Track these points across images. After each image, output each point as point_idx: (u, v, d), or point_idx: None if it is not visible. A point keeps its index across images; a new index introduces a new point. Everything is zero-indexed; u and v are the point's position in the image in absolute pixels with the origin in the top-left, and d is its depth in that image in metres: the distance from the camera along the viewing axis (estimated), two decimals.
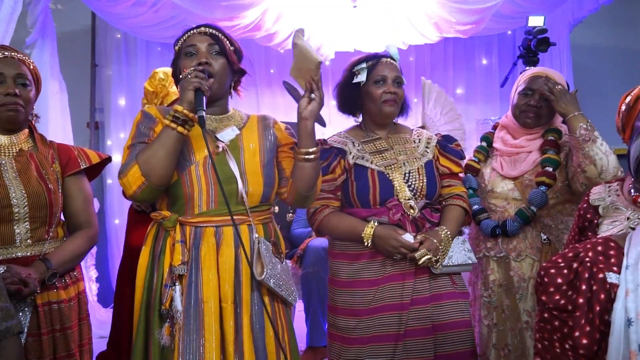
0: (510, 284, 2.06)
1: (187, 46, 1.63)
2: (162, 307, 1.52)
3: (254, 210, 1.61)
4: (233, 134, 1.64)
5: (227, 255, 1.55)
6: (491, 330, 2.09)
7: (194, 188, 1.55)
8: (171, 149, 1.48)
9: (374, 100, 1.91)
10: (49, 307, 1.65)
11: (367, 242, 1.81)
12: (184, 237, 1.55)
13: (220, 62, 1.61)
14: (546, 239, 2.02)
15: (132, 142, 1.58)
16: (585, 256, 1.20)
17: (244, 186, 1.58)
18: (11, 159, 1.68)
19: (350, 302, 1.85)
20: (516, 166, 2.09)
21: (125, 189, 1.52)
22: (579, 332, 1.14)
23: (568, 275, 1.21)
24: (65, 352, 1.68)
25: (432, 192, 1.92)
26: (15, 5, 2.81)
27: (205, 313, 1.50)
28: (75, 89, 3.96)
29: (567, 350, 1.16)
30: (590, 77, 4.74)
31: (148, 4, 3.65)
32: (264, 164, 1.64)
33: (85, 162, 1.80)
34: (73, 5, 4.13)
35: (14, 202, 1.61)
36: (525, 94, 2.10)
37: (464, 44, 4.73)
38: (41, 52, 3.45)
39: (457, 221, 1.92)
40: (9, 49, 1.72)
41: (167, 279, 1.53)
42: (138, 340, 1.56)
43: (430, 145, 1.99)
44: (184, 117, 1.47)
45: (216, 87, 1.60)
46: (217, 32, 1.65)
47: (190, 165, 1.56)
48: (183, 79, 1.52)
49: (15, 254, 1.63)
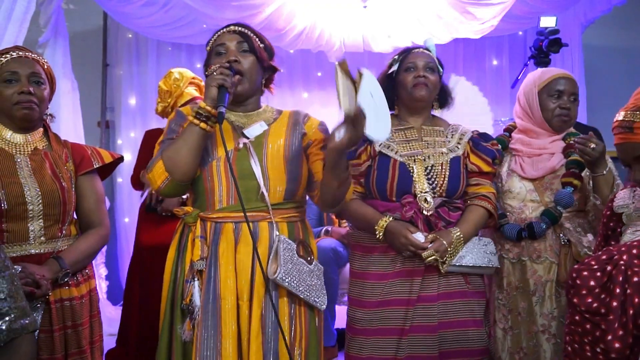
0: (526, 287, 2.02)
1: (217, 45, 1.64)
2: (183, 302, 1.54)
3: (276, 207, 1.59)
4: (260, 130, 1.63)
5: (244, 252, 1.55)
6: (506, 333, 2.06)
7: (214, 183, 1.57)
8: (194, 145, 1.50)
9: (405, 86, 1.91)
10: (61, 304, 1.67)
11: (379, 234, 1.81)
12: (204, 233, 1.57)
13: (249, 59, 1.62)
14: (565, 241, 1.99)
15: (162, 139, 1.62)
16: (619, 259, 1.19)
17: (264, 182, 1.57)
18: (26, 157, 1.69)
19: (360, 293, 1.88)
20: (538, 167, 2.06)
21: (150, 183, 1.56)
22: (611, 335, 1.12)
23: (602, 278, 1.20)
24: (77, 348, 1.70)
25: (454, 190, 1.89)
26: (28, 5, 2.83)
27: (223, 310, 1.51)
28: (86, 88, 3.99)
29: (599, 354, 1.14)
30: (602, 78, 4.70)
31: (159, 3, 3.67)
32: (288, 160, 1.62)
33: (98, 162, 1.81)
34: (85, 5, 4.17)
35: (28, 199, 1.63)
36: (556, 97, 2.04)
37: (475, 45, 4.71)
38: (53, 51, 3.49)
39: (475, 223, 1.89)
40: (23, 49, 1.73)
41: (188, 274, 1.55)
42: (163, 335, 1.58)
43: (462, 141, 1.96)
44: (206, 114, 1.48)
45: (246, 84, 1.60)
46: (247, 30, 1.65)
47: (212, 160, 1.57)
48: (209, 76, 1.53)
49: (28, 251, 1.64)
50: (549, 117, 2.07)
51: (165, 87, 3.08)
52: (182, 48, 4.47)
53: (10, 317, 1.22)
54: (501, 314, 2.08)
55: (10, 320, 1.21)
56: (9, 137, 1.69)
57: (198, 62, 4.51)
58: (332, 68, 1.58)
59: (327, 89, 4.52)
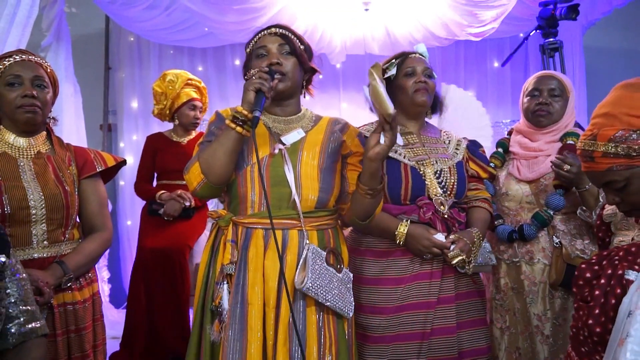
0: (520, 288, 2.06)
1: (257, 47, 1.64)
2: (212, 303, 1.54)
3: (307, 215, 1.58)
4: (298, 137, 1.63)
5: (272, 259, 1.54)
6: (503, 333, 2.10)
7: (247, 189, 1.57)
8: (229, 148, 1.50)
9: (405, 91, 1.91)
10: (64, 309, 1.67)
11: (400, 240, 1.79)
12: (235, 237, 1.57)
13: (291, 61, 1.62)
14: (558, 243, 2.01)
15: (201, 141, 1.62)
16: (615, 255, 1.24)
17: (297, 190, 1.57)
18: (29, 161, 1.70)
19: (376, 300, 1.83)
20: (533, 169, 2.09)
21: (188, 184, 1.56)
22: (592, 320, 1.20)
23: (597, 271, 1.26)
24: (80, 352, 1.70)
25: (461, 192, 1.92)
26: (31, 9, 2.83)
27: (249, 315, 1.51)
28: (89, 92, 4.01)
29: (587, 337, 1.22)
30: (603, 80, 4.70)
31: (161, 7, 3.69)
32: (321, 169, 1.61)
33: (101, 165, 1.81)
34: (87, 9, 4.18)
35: (31, 204, 1.63)
36: (533, 95, 2.11)
37: (476, 47, 4.72)
38: (56, 55, 3.49)
39: (485, 223, 1.94)
40: (26, 53, 1.74)
41: (218, 276, 1.56)
42: (194, 334, 1.60)
43: (460, 148, 2.01)
44: (243, 118, 1.48)
45: (288, 82, 1.60)
46: (288, 32, 1.65)
47: (247, 165, 1.57)
48: (248, 79, 1.53)
49: (31, 255, 1.64)
50: (528, 116, 2.14)
51: (159, 89, 3.09)
52: (183, 51, 4.48)
53: (20, 320, 1.22)
54: (498, 314, 2.11)
55: (20, 324, 1.22)
56: (12, 141, 1.70)
57: (199, 65, 4.52)
58: (333, 71, 1.59)
59: (329, 91, 4.52)
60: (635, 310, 1.09)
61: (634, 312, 1.09)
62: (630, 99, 1.20)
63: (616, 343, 1.11)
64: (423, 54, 2.00)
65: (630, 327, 1.08)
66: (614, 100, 1.23)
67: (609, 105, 1.23)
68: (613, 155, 1.18)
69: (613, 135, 1.18)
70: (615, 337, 1.13)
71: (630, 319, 1.09)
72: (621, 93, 1.23)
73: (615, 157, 1.18)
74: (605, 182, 1.23)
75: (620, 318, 1.13)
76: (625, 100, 1.20)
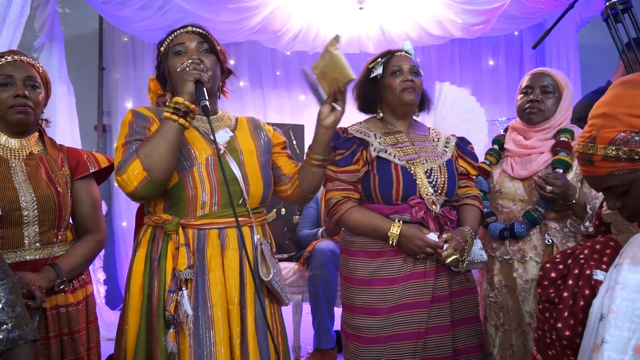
0: (513, 286, 2.06)
1: (175, 45, 1.61)
2: (166, 313, 1.48)
3: (254, 211, 1.61)
4: (227, 136, 1.62)
5: (231, 257, 1.55)
6: (497, 330, 2.10)
7: (198, 190, 1.54)
8: (173, 141, 1.46)
9: (393, 90, 1.90)
10: (57, 311, 1.66)
11: (393, 241, 1.79)
12: (187, 241, 1.53)
13: (211, 59, 1.61)
14: (550, 241, 2.01)
15: (126, 140, 1.53)
16: (580, 253, 1.22)
17: (245, 187, 1.58)
18: (21, 162, 1.68)
19: (369, 301, 1.82)
20: (527, 167, 2.08)
21: (124, 186, 1.46)
22: (561, 323, 1.17)
23: (562, 271, 1.23)
24: (73, 355, 1.69)
25: (452, 190, 1.92)
26: (22, 9, 2.81)
27: (215, 316, 1.50)
28: (82, 92, 3.99)
29: (555, 340, 1.19)
30: (598, 77, 4.71)
31: (155, 7, 3.67)
32: (262, 165, 1.65)
33: (94, 166, 1.80)
34: (80, 9, 4.16)
35: (23, 205, 1.62)
36: (525, 92, 2.11)
37: (471, 45, 4.72)
38: (49, 55, 3.47)
39: (477, 221, 1.94)
40: (18, 53, 1.73)
41: (170, 284, 1.50)
42: (139, 348, 1.51)
43: (449, 145, 2.00)
44: (185, 109, 1.45)
45: (212, 84, 1.58)
46: (205, 32, 1.65)
47: (192, 166, 1.55)
48: (181, 72, 1.51)
49: (23, 257, 1.63)
50: (521, 114, 2.13)
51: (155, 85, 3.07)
52: None
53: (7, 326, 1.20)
54: (493, 311, 2.12)
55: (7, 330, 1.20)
56: (3, 142, 1.68)
57: None
58: None
59: None
60: (609, 314, 1.05)
61: (607, 315, 1.05)
62: (630, 97, 1.11)
63: (590, 349, 1.08)
64: (409, 51, 1.99)
65: (604, 332, 1.04)
66: (612, 99, 1.14)
67: (607, 104, 1.14)
68: (614, 159, 1.10)
69: (613, 137, 1.09)
70: (589, 342, 1.09)
71: (603, 322, 1.06)
72: (620, 91, 1.14)
73: (617, 161, 1.10)
74: (606, 187, 1.16)
75: (592, 322, 1.10)
76: (624, 99, 1.11)
